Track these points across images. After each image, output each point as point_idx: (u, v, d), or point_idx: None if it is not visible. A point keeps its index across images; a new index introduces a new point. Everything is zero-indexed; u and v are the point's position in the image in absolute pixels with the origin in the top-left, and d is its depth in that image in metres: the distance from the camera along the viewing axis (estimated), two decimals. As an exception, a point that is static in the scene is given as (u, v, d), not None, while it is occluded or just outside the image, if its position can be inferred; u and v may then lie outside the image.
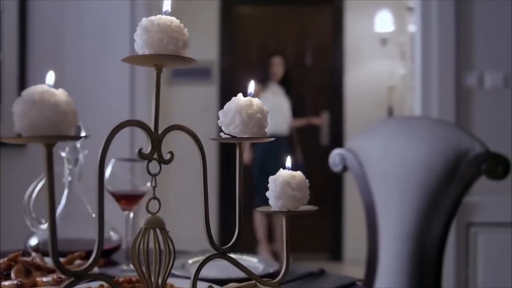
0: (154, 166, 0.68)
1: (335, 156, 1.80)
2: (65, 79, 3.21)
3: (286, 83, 4.82)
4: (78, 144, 1.32)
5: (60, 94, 0.58)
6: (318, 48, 5.21)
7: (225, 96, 5.16)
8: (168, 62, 0.67)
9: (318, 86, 5.23)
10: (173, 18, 0.66)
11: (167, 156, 0.68)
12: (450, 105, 3.06)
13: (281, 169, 0.84)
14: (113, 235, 1.34)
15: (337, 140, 5.02)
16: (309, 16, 5.24)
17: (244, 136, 0.73)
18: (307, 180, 0.84)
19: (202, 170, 0.71)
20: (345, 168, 1.80)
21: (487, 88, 3.06)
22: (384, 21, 4.83)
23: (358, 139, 1.78)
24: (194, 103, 5.10)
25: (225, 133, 0.76)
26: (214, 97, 5.12)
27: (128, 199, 1.19)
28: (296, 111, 4.86)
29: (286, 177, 0.81)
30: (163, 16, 0.66)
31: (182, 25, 0.67)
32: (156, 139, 0.67)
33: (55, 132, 0.56)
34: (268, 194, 0.83)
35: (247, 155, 4.62)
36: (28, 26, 3.21)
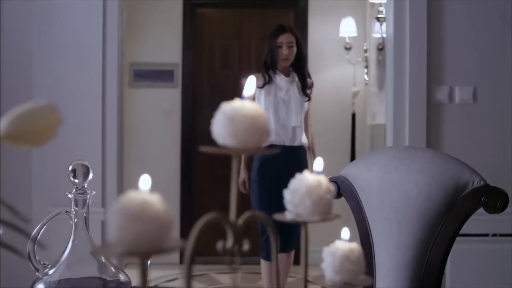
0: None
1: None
2: (34, 84, 3.09)
3: (299, 67, 3.43)
4: (85, 184, 1.26)
5: (158, 203, 0.54)
6: (281, 51, 5.20)
7: (188, 98, 5.09)
8: (249, 151, 0.64)
9: (281, 90, 5.23)
10: (256, 106, 0.63)
11: (245, 247, 0.65)
12: (422, 118, 3.13)
13: (336, 240, 0.82)
14: (121, 278, 1.29)
15: (301, 144, 5.04)
16: (273, 19, 5.22)
17: (314, 218, 0.71)
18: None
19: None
20: (339, 195, 1.80)
21: (457, 102, 3.14)
22: (347, 27, 4.87)
23: (353, 168, 1.78)
24: (156, 105, 5.02)
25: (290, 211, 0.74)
26: (178, 99, 5.05)
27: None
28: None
29: (345, 250, 0.80)
30: (247, 105, 0.63)
31: (264, 113, 0.64)
32: (238, 231, 0.64)
33: (156, 246, 0.53)
34: (324, 266, 0.81)
35: (242, 177, 3.43)
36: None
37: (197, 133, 5.07)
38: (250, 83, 0.64)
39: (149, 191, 0.55)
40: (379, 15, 4.15)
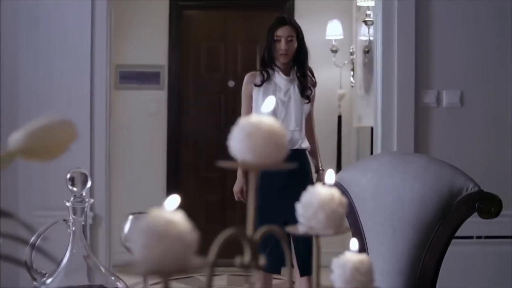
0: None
1: (323, 188, 1.80)
2: (20, 86, 3.04)
3: (299, 64, 3.07)
4: (84, 193, 1.25)
5: (182, 222, 0.54)
6: (268, 53, 5.20)
7: (174, 100, 5.07)
8: (267, 166, 0.64)
9: (267, 92, 5.23)
10: (274, 121, 0.63)
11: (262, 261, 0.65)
12: (410, 121, 3.15)
13: (346, 252, 0.83)
14: (120, 285, 1.28)
15: (287, 146, 5.04)
16: (259, 20, 5.22)
17: (328, 232, 0.72)
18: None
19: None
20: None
21: (444, 106, 3.17)
22: (334, 29, 4.88)
23: (348, 173, 1.78)
24: (142, 107, 4.99)
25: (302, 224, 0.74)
26: (164, 101, 5.03)
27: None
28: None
29: (355, 262, 0.80)
30: (265, 120, 0.63)
31: (281, 127, 0.64)
32: (254, 244, 0.64)
33: (180, 265, 0.53)
34: (333, 278, 0.81)
35: (239, 185, 3.05)
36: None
37: (183, 135, 5.06)
38: (270, 102, 0.64)
39: (175, 211, 0.55)
40: (366, 19, 4.17)
